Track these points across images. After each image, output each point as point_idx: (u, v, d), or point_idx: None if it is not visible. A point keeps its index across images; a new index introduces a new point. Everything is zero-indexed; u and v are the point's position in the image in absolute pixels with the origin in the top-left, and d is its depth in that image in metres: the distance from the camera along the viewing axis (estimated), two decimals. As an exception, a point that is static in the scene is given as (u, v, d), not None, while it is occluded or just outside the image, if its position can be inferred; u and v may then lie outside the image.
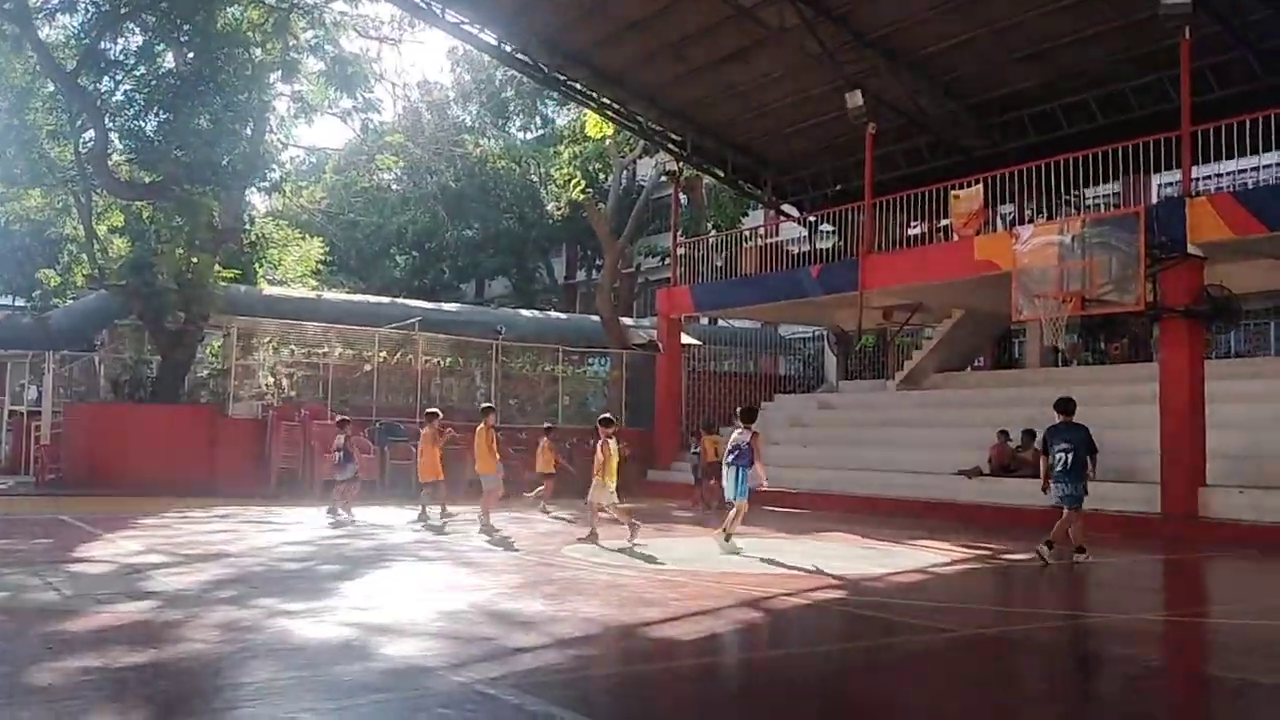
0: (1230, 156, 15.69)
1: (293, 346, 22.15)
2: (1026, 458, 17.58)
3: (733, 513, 11.45)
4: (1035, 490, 16.70)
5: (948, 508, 17.39)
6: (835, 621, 7.81)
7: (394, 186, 41.20)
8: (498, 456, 14.38)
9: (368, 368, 22.54)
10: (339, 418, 16.31)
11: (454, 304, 33.58)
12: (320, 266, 32.49)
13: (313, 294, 27.03)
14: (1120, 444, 16.72)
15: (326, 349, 22.45)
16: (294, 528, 13.56)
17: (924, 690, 5.66)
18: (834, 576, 9.75)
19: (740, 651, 6.29)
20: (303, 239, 30.47)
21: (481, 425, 14.32)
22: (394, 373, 23.26)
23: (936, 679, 5.96)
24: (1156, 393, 15.50)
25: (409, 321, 23.99)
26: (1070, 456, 10.89)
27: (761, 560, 10.92)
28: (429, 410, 15.72)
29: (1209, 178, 19.89)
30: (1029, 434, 17.70)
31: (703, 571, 10.01)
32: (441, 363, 24.33)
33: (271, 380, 21.76)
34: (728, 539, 11.28)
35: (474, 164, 37.59)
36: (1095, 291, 14.49)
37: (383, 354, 22.90)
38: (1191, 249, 14.85)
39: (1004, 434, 18.05)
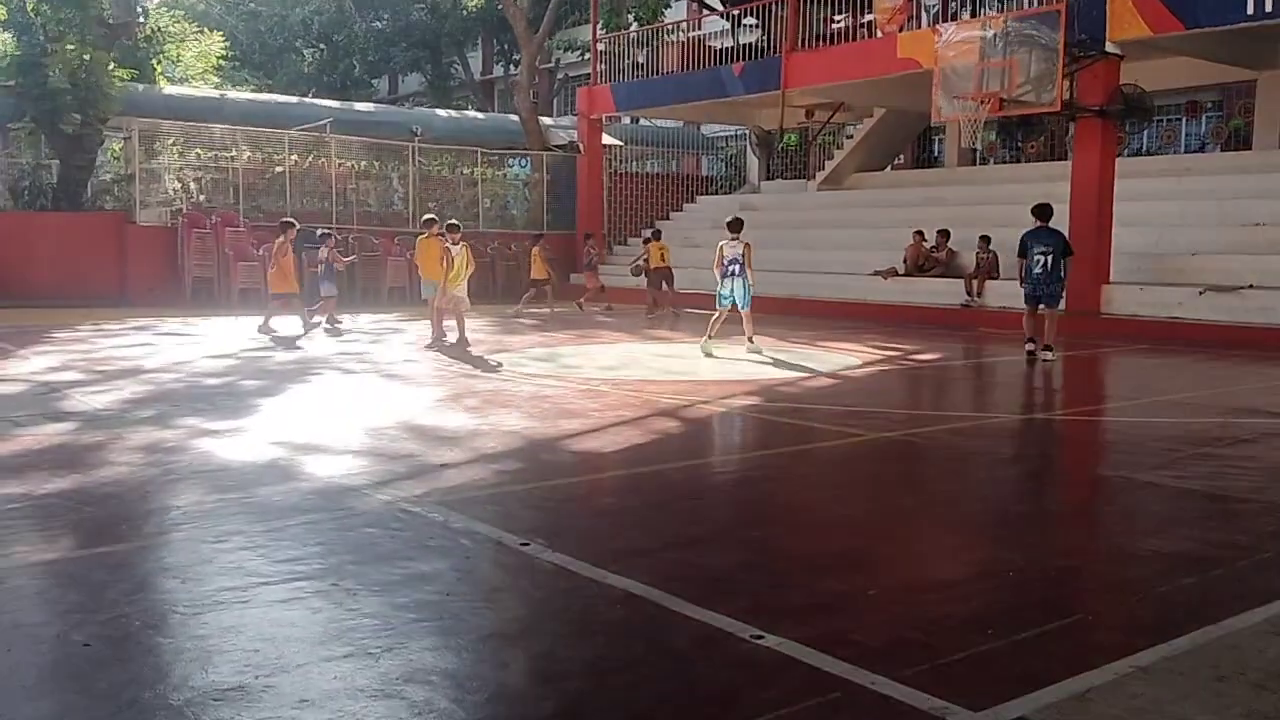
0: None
1: (198, 150, 21.27)
2: (940, 257, 18.02)
3: (745, 320, 12.13)
4: (946, 289, 17.34)
5: (865, 308, 17.85)
6: (750, 430, 8.13)
7: (296, -27, 38.79)
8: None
9: (279, 169, 21.84)
10: (320, 231, 16.00)
11: (367, 103, 32.37)
12: (221, 63, 30.89)
13: (216, 93, 25.79)
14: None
15: (234, 152, 21.63)
16: (212, 340, 13.46)
17: (827, 496, 6.00)
18: (750, 382, 10.08)
19: (656, 462, 6.54)
20: (201, 33, 28.76)
21: (425, 235, 13.83)
22: (307, 176, 22.57)
23: (840, 484, 6.31)
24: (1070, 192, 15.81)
25: (320, 123, 23.14)
26: (1049, 259, 11.70)
27: (680, 366, 11.23)
28: (285, 220, 15.08)
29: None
30: (943, 233, 18.08)
31: (621, 380, 10.26)
32: (356, 166, 23.65)
33: (179, 185, 20.99)
34: (749, 341, 12.10)
35: (381, -50, 35.42)
36: (1014, 92, 14.49)
37: (294, 157, 22.15)
38: (1110, 47, 14.84)
39: (919, 234, 18.36)
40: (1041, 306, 11.92)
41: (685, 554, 4.55)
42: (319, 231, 16.10)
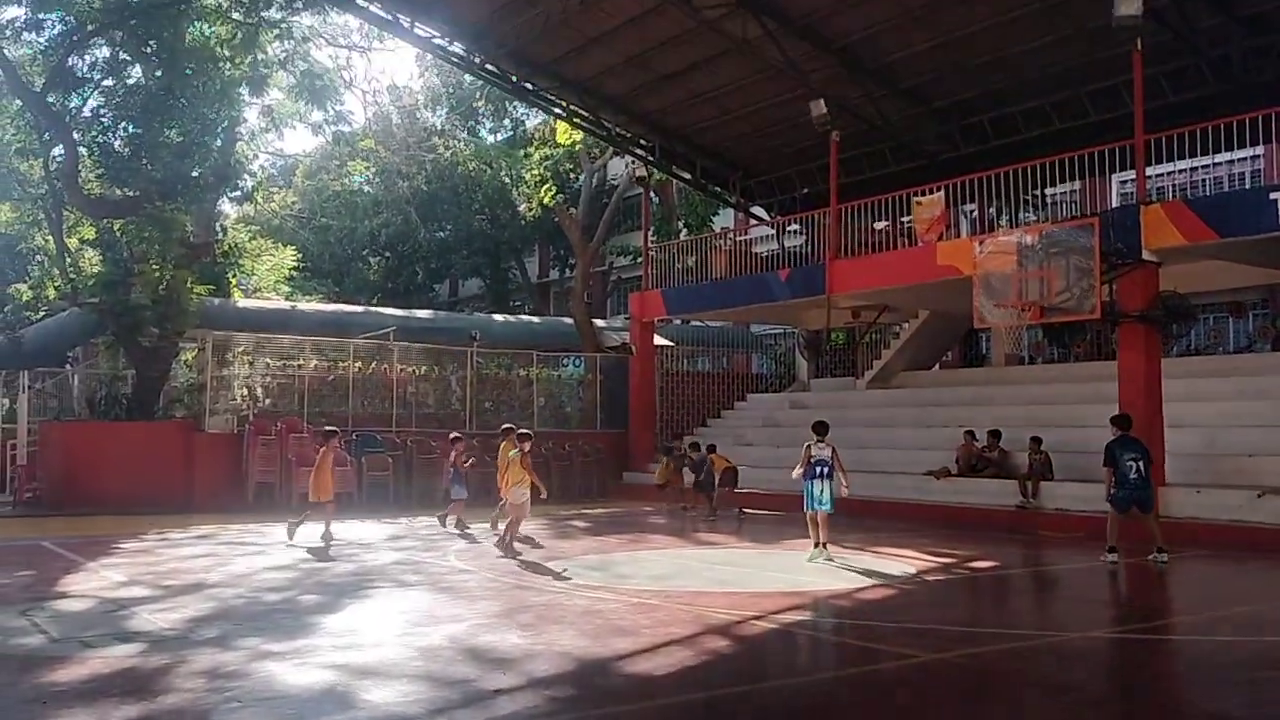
0: (1183, 157, 16.15)
1: (268, 359, 22.27)
2: (993, 457, 18.02)
3: (821, 524, 12.05)
4: (1000, 490, 17.28)
5: (917, 508, 17.79)
6: (802, 649, 8.11)
7: (366, 189, 41.31)
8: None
9: (343, 374, 22.71)
10: (451, 435, 16.68)
11: (427, 310, 33.75)
12: (293, 273, 32.60)
13: (287, 305, 27.15)
14: (1084, 442, 17.18)
15: (301, 360, 22.59)
16: (273, 549, 13.75)
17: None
18: (802, 594, 10.07)
19: (707, 688, 6.56)
20: (275, 247, 30.55)
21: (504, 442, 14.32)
22: (369, 381, 23.43)
23: (898, 713, 6.27)
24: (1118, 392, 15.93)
25: (383, 331, 24.17)
26: (1141, 464, 12.33)
27: (734, 575, 11.26)
28: (327, 428, 15.51)
29: (1164, 175, 20.42)
30: (995, 434, 18.15)
31: (674, 591, 10.30)
32: (417, 370, 24.53)
33: (246, 393, 21.88)
34: (820, 547, 11.98)
35: (445, 167, 37.75)
36: (1053, 300, 14.87)
37: (358, 364, 23.06)
38: (1146, 255, 15.27)
39: (970, 434, 18.46)
40: (1135, 510, 12.35)
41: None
42: (451, 435, 16.81)
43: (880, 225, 21.00)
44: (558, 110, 25.19)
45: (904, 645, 7.86)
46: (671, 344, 28.40)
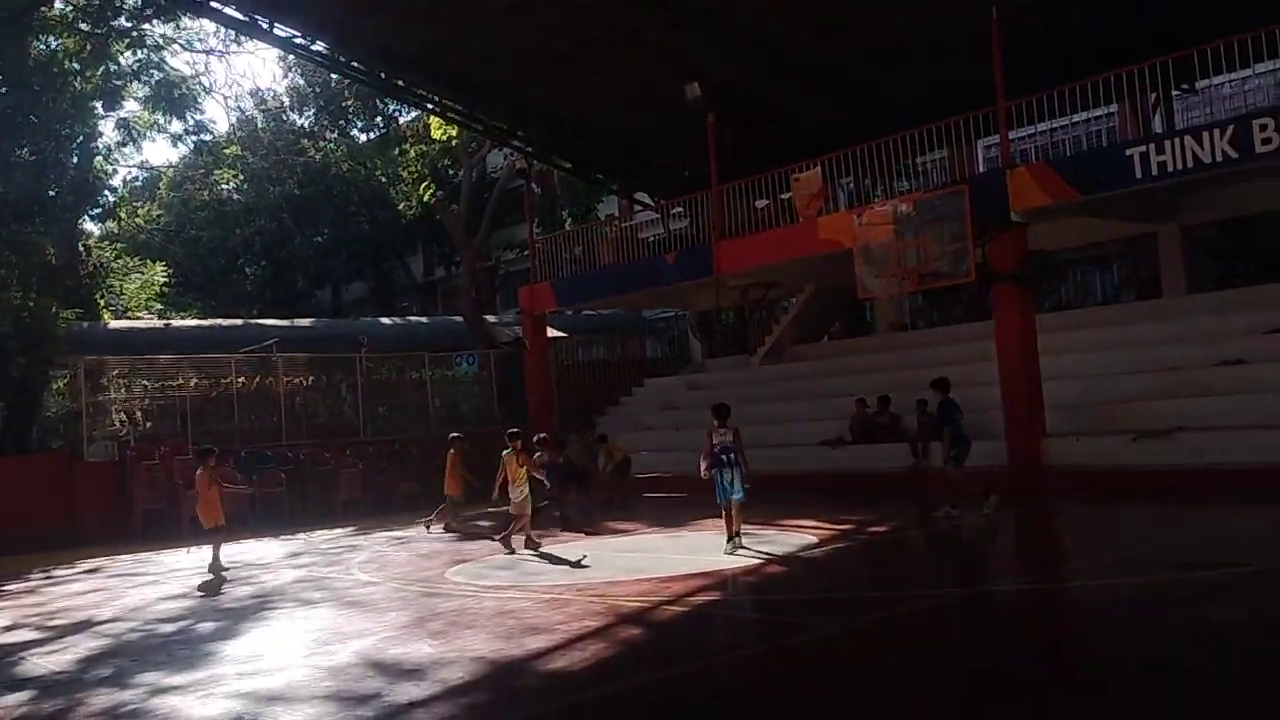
0: (1044, 120, 16.73)
1: (145, 381, 21.46)
2: (884, 423, 18.48)
3: (735, 513, 11.38)
4: (892, 453, 17.74)
5: (816, 478, 18.11)
6: (714, 631, 8.20)
7: (236, 197, 39.96)
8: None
9: (226, 392, 22.04)
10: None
11: (310, 319, 32.95)
12: (165, 289, 31.44)
13: (160, 323, 26.20)
14: (968, 402, 17.72)
15: (181, 380, 21.83)
16: (167, 578, 13.29)
17: (792, 709, 6.07)
18: (711, 575, 10.17)
19: (624, 678, 6.57)
20: (144, 264, 29.40)
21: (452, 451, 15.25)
22: (254, 396, 22.78)
23: (803, 692, 6.39)
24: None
25: (266, 343, 23.48)
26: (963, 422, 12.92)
27: (643, 561, 11.32)
28: (204, 447, 14.66)
29: (1027, 137, 21.13)
30: (884, 400, 18.60)
31: (585, 584, 10.30)
32: (304, 381, 23.94)
33: (125, 418, 21.06)
34: (736, 538, 11.28)
35: (317, 169, 36.85)
36: (930, 266, 15.31)
37: (240, 379, 22.40)
38: (1014, 216, 15.80)
39: (862, 401, 18.87)
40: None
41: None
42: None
43: (761, 203, 21.29)
44: (430, 105, 24.79)
45: (812, 617, 8.01)
46: (564, 335, 28.33)
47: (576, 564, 11.54)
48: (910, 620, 7.66)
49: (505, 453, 13.08)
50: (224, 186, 37.12)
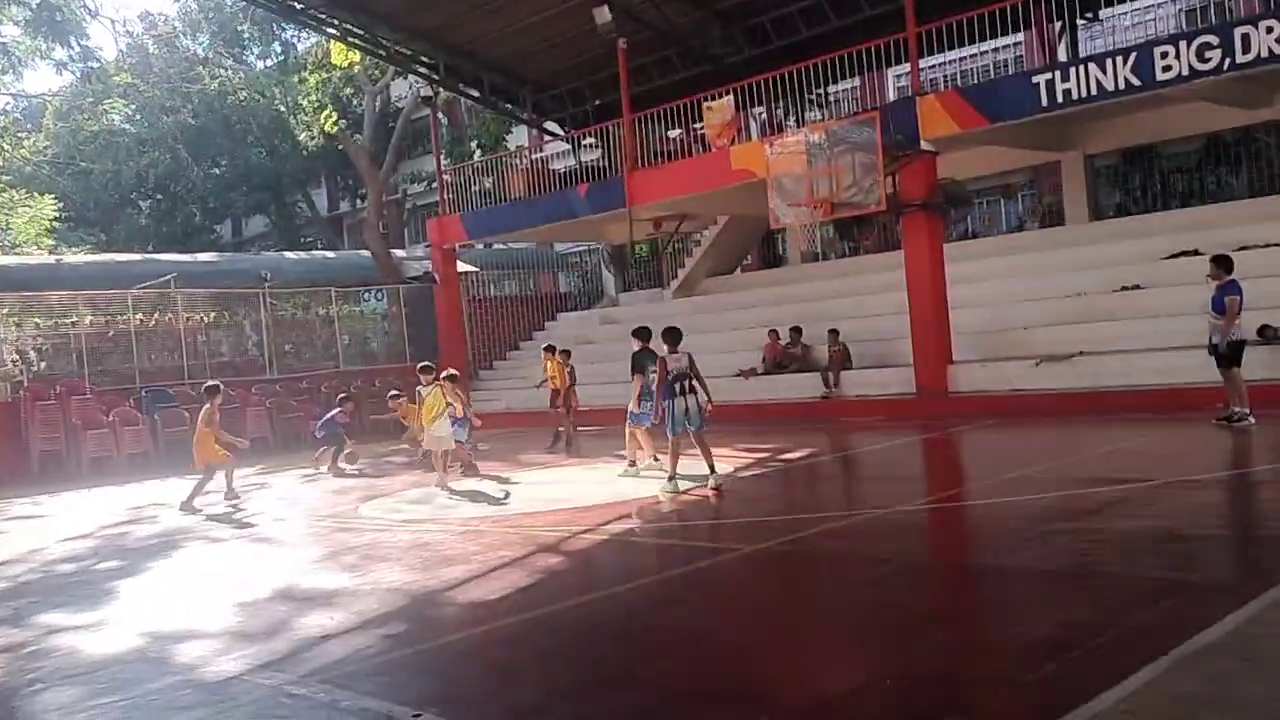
0: (954, 48, 16.83)
1: (37, 319, 20.57)
2: (796, 353, 18.69)
3: (698, 445, 10.51)
4: (805, 383, 17.96)
5: (731, 409, 18.13)
6: (632, 557, 8.22)
7: (127, 128, 38.21)
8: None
9: (124, 330, 21.27)
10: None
11: (211, 254, 31.89)
12: (55, 224, 30.07)
13: (51, 259, 25.04)
14: (878, 330, 18.07)
15: (75, 318, 20.99)
16: (64, 518, 12.87)
17: (712, 622, 6.13)
18: (628, 503, 10.20)
19: (542, 606, 6.55)
20: (31, 197, 28.02)
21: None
22: (154, 334, 22.04)
23: (721, 608, 6.46)
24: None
25: (163, 279, 22.65)
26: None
27: (560, 493, 11.30)
28: (210, 384, 13.65)
29: (937, 66, 21.26)
30: (796, 330, 18.79)
31: (501, 515, 10.25)
32: (205, 318, 23.23)
33: (18, 357, 20.20)
34: (714, 471, 10.45)
35: (213, 98, 35.41)
36: (842, 195, 15.36)
37: (139, 316, 21.62)
38: (925, 145, 15.92)
39: (774, 332, 19.04)
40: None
41: (581, 706, 4.59)
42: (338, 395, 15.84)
43: (674, 133, 21.10)
44: (330, 30, 23.89)
45: (727, 540, 8.07)
46: (475, 269, 27.91)
47: (500, 499, 11.37)
48: (821, 541, 7.77)
49: (425, 388, 12.63)
50: (114, 116, 35.41)
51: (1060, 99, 14.60)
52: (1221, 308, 11.20)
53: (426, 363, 13.50)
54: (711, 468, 10.43)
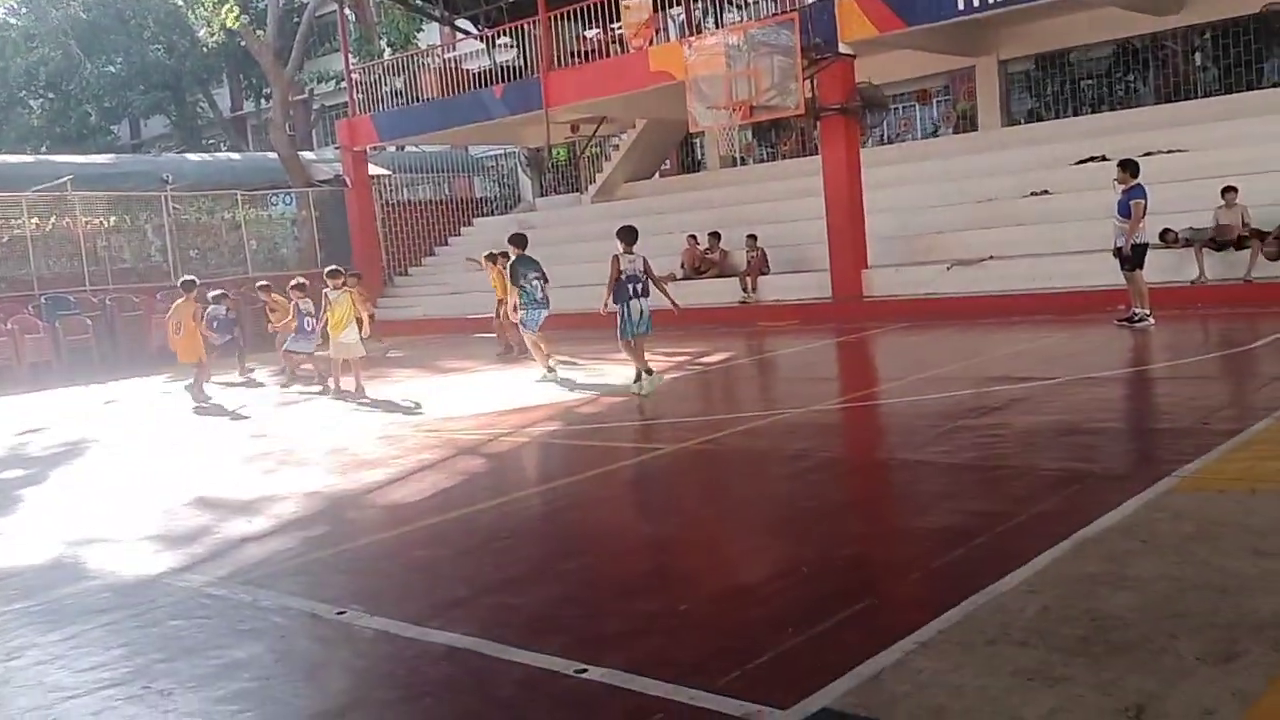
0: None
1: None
2: (714, 259, 18.75)
3: (637, 349, 10.38)
4: (723, 288, 18.07)
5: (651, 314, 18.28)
6: (553, 458, 8.29)
7: (13, 21, 35.99)
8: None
9: (19, 234, 20.39)
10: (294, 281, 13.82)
11: (108, 155, 30.52)
12: (-63, 123, 28.43)
13: (-65, 159, 23.71)
14: (795, 236, 18.19)
15: (-35, 221, 20.04)
16: (-34, 430, 12.46)
17: (633, 517, 6.24)
18: (549, 406, 10.24)
19: (463, 506, 6.59)
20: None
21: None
22: (51, 238, 21.16)
23: (643, 503, 6.57)
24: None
25: (59, 181, 21.65)
26: (541, 282, 12.08)
27: (478, 396, 11.28)
28: (185, 279, 13.30)
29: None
30: (714, 235, 18.82)
31: (421, 421, 10.22)
32: (105, 222, 22.36)
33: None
34: (648, 375, 10.31)
35: (105, -10, 33.43)
36: (761, 98, 15.27)
37: (35, 220, 20.72)
38: (843, 48, 15.88)
39: (693, 238, 19.06)
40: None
41: (503, 598, 4.66)
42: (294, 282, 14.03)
43: (591, 33, 20.67)
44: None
45: (647, 440, 8.18)
46: (388, 172, 27.24)
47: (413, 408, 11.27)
48: (740, 440, 7.92)
49: (332, 292, 12.00)
50: (-4, 8, 33.36)
51: (976, 3, 14.64)
52: (1126, 211, 11.51)
53: (334, 267, 12.78)
54: (640, 374, 10.33)
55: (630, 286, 10.20)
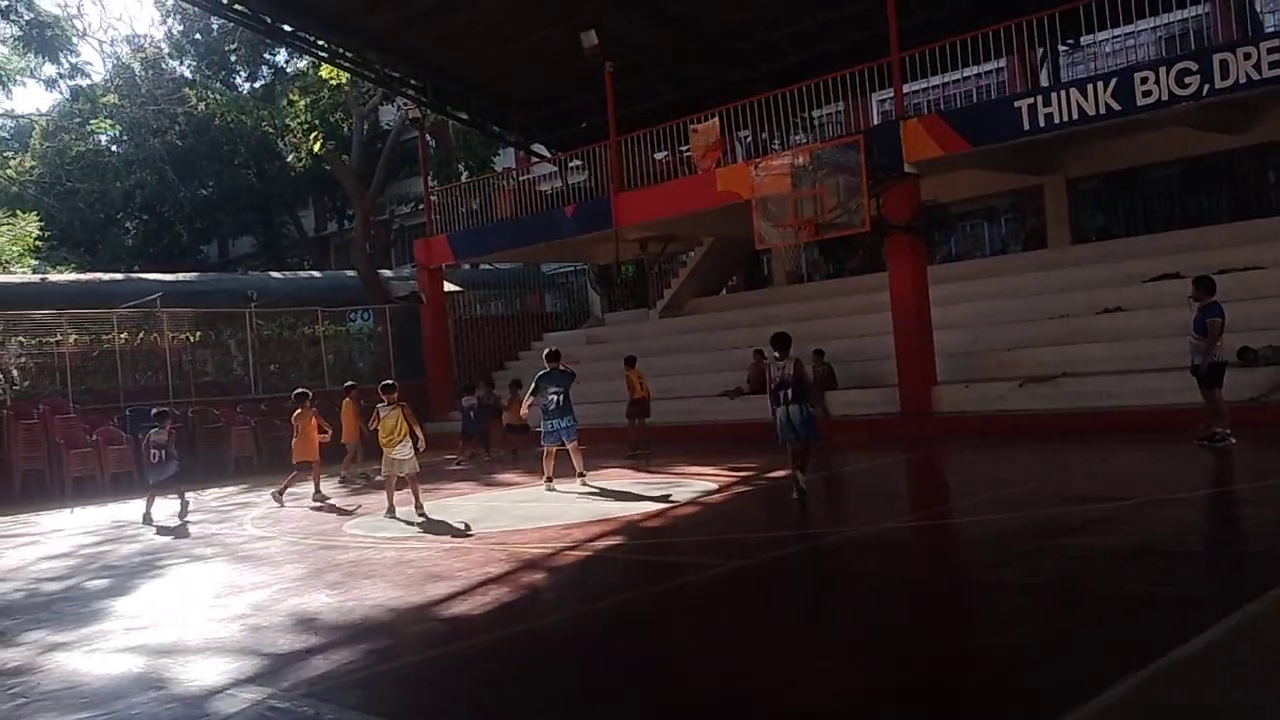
0: (936, 73, 17.03)
1: (20, 338, 20.49)
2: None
3: (804, 453, 10.18)
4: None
5: (716, 428, 18.32)
6: (616, 573, 8.23)
7: (114, 149, 38.18)
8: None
9: (107, 346, 21.21)
10: (155, 409, 14.39)
11: (195, 273, 31.82)
12: (39, 243, 29.99)
13: (36, 277, 24.97)
14: (863, 351, 18.15)
15: (59, 336, 20.91)
16: (48, 538, 12.79)
17: (696, 638, 6.14)
18: (614, 520, 10.21)
19: (527, 620, 6.56)
20: (15, 216, 27.95)
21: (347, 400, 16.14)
22: (138, 353, 21.97)
23: (704, 623, 6.47)
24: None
25: (149, 298, 22.60)
26: (560, 397, 12.82)
27: (544, 510, 11.29)
28: (299, 391, 14.99)
29: (920, 91, 21.48)
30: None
31: (486, 533, 10.25)
32: (191, 337, 23.18)
33: (1, 376, 20.12)
34: (799, 479, 10.03)
35: (200, 120, 35.39)
36: (826, 216, 15.48)
37: (124, 335, 21.56)
38: (908, 168, 16.08)
39: (759, 352, 19.05)
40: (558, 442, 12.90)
41: (571, 716, 4.60)
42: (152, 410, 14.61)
43: (660, 155, 21.24)
44: (319, 52, 23.99)
45: (710, 556, 8.09)
46: (461, 289, 27.95)
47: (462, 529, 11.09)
48: (808, 557, 7.80)
49: (385, 408, 11.87)
50: (101, 136, 35.44)
51: (1042, 123, 14.78)
52: (1203, 329, 11.31)
53: (388, 381, 12.80)
54: (803, 468, 10.08)
55: (781, 393, 10.02)
